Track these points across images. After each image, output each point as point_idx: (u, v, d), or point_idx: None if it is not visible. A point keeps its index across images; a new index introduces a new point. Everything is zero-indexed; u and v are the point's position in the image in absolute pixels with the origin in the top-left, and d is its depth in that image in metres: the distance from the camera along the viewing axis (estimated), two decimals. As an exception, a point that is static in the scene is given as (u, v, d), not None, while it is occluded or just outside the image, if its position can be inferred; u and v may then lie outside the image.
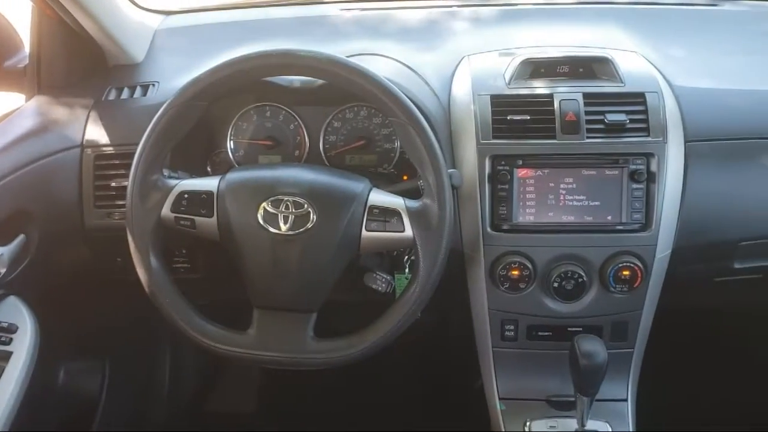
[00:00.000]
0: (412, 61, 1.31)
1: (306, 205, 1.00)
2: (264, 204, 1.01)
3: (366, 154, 1.28)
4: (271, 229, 1.00)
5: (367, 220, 1.01)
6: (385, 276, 1.11)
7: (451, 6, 1.52)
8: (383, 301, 1.10)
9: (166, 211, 1.04)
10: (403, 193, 1.06)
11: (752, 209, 1.20)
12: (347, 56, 1.21)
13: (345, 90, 1.02)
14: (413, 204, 1.02)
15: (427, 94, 1.23)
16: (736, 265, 1.24)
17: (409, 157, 1.03)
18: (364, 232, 1.01)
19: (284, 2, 1.60)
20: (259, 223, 1.01)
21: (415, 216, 1.01)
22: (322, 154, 1.28)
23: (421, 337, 1.54)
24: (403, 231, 1.01)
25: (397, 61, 1.30)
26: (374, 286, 1.10)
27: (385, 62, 1.29)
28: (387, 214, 1.01)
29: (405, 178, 1.26)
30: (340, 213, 1.01)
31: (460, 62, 1.30)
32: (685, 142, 1.17)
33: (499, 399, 1.25)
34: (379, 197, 1.03)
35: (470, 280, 1.22)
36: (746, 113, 1.23)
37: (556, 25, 1.46)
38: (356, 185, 1.04)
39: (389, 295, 1.15)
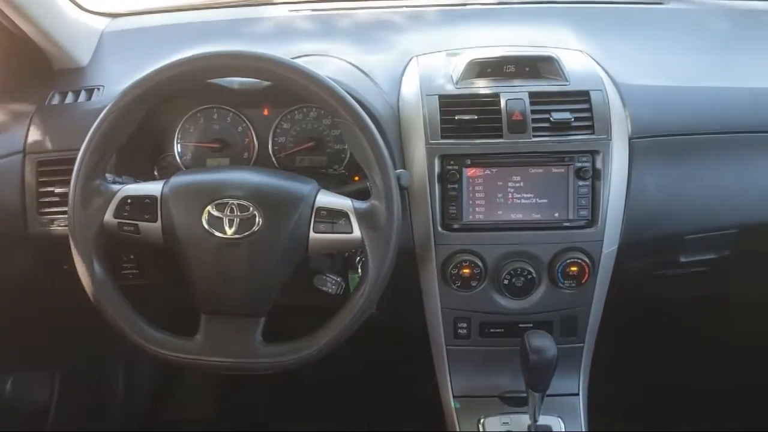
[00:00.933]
0: (361, 61, 1.31)
1: (251, 208, 0.99)
2: (208, 208, 1.00)
3: (316, 156, 1.28)
4: (216, 233, 0.99)
5: (314, 222, 1.01)
6: (335, 278, 1.11)
7: (400, 7, 1.52)
8: (336, 302, 1.09)
9: (108, 216, 1.02)
10: (354, 194, 1.06)
11: (696, 204, 1.22)
12: (295, 57, 1.22)
13: (291, 91, 1.01)
14: (361, 205, 1.02)
15: (376, 95, 1.23)
16: (682, 259, 1.27)
17: (356, 158, 1.03)
18: (311, 234, 1.01)
19: (234, 4, 1.58)
20: (203, 227, 0.99)
21: (363, 217, 1.01)
22: (272, 156, 1.27)
23: (377, 338, 1.54)
24: (351, 232, 1.01)
25: (345, 61, 1.30)
26: (324, 288, 1.10)
27: (333, 63, 1.29)
28: (334, 216, 1.01)
29: (356, 179, 1.26)
30: (287, 215, 1.00)
31: (408, 63, 1.30)
32: (630, 139, 1.19)
33: (454, 397, 1.26)
34: (327, 199, 1.03)
35: (423, 280, 1.23)
36: (690, 110, 1.26)
37: (505, 24, 1.47)
38: (303, 187, 1.03)
39: (340, 296, 1.14)
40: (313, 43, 1.38)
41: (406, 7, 1.53)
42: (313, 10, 1.53)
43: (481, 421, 1.22)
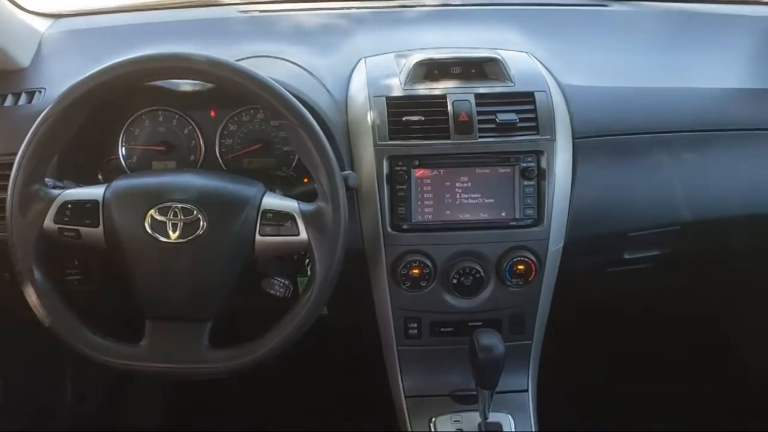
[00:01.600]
0: (308, 63, 1.31)
1: (195, 212, 0.98)
2: (151, 212, 0.98)
3: (264, 158, 1.27)
4: (160, 238, 0.98)
5: (260, 224, 1.00)
6: (282, 280, 1.10)
7: (349, 8, 1.52)
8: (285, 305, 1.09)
9: (48, 222, 1.00)
10: (302, 196, 1.06)
11: (639, 202, 1.25)
12: (241, 59, 1.21)
13: (234, 93, 1.01)
14: (307, 207, 1.02)
15: (324, 97, 1.23)
16: (626, 256, 1.30)
17: (302, 159, 1.03)
18: (257, 237, 1.00)
19: (181, 5, 1.56)
20: (146, 231, 0.98)
21: (310, 219, 1.01)
22: (219, 159, 1.26)
23: (332, 339, 1.54)
24: (297, 234, 1.00)
25: (293, 63, 1.29)
26: (272, 291, 1.09)
27: (280, 65, 1.28)
28: (281, 218, 1.01)
29: (306, 180, 1.25)
30: (232, 218, 0.99)
31: (357, 64, 1.30)
32: (573, 139, 1.22)
33: (405, 397, 1.27)
34: (273, 201, 1.02)
35: (373, 281, 1.23)
36: (632, 110, 1.29)
37: (453, 26, 1.49)
38: (249, 189, 1.03)
39: (289, 299, 1.14)
40: (261, 44, 1.37)
41: (356, 9, 1.53)
42: (262, 11, 1.52)
43: (433, 420, 1.23)
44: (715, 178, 1.28)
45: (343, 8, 1.53)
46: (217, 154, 1.26)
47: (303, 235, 1.00)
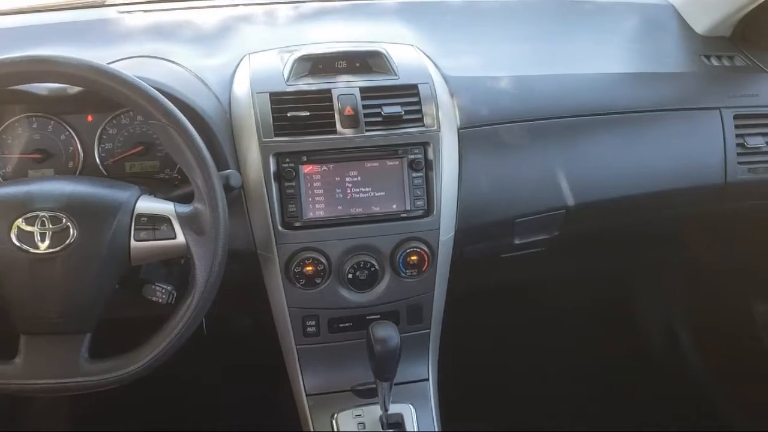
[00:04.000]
0: (192, 62, 1.27)
1: (65, 220, 0.94)
2: (17, 222, 0.93)
3: (147, 160, 1.23)
4: (29, 249, 0.93)
5: (135, 229, 0.97)
6: (164, 286, 1.06)
7: (237, 5, 1.50)
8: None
9: None
10: (183, 198, 1.03)
11: (524, 188, 1.28)
12: (115, 60, 1.17)
13: (102, 95, 0.97)
14: (183, 209, 0.99)
15: (205, 96, 1.20)
16: (516, 241, 1.33)
17: (176, 160, 1.00)
18: (133, 243, 0.97)
19: (58, 7, 1.49)
20: (13, 243, 0.93)
21: (186, 221, 0.98)
22: (99, 164, 1.21)
23: (234, 341, 1.52)
24: (174, 238, 0.98)
25: (173, 63, 1.26)
26: (154, 299, 1.05)
27: (158, 65, 1.24)
28: (156, 222, 0.98)
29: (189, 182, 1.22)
30: (104, 225, 0.95)
31: (240, 61, 1.28)
32: (459, 129, 1.24)
33: (307, 395, 1.26)
34: (147, 204, 0.99)
35: (267, 280, 1.21)
36: (517, 98, 1.32)
37: (342, 21, 1.48)
38: (122, 194, 0.99)
39: (174, 305, 1.11)
40: (143, 44, 1.33)
41: (243, 5, 1.50)
42: (146, 11, 1.47)
43: (335, 416, 1.23)
44: (597, 161, 1.32)
45: (230, 5, 1.50)
46: (97, 160, 1.21)
47: (180, 238, 0.97)
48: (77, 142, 1.20)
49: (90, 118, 1.21)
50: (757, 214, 1.44)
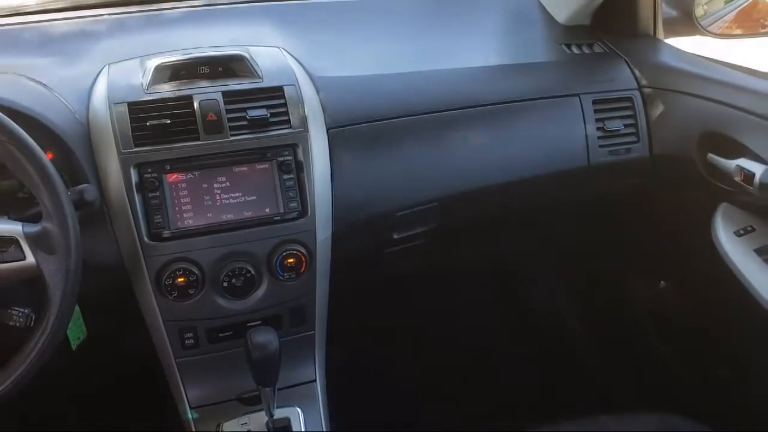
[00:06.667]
0: (46, 75, 1.21)
1: None
2: None
3: (4, 180, 1.16)
4: None
5: None
6: (21, 310, 1.01)
7: (100, 15, 1.44)
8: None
9: None
10: (36, 217, 0.99)
11: (398, 184, 1.30)
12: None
13: None
14: (31, 229, 0.95)
15: (59, 110, 1.15)
16: (395, 236, 1.35)
17: (20, 179, 0.96)
18: None
19: None
20: None
21: (35, 241, 0.94)
22: None
23: (114, 359, 1.47)
24: (24, 259, 0.94)
25: (23, 76, 1.20)
26: (11, 323, 1.00)
27: (8, 80, 1.19)
28: (2, 244, 0.93)
29: None
30: None
31: (100, 72, 1.24)
32: (327, 129, 1.24)
33: (191, 408, 1.23)
34: None
35: (138, 295, 1.18)
36: (385, 96, 1.33)
37: (210, 26, 1.45)
38: None
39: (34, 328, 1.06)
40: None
41: (107, 14, 1.45)
42: (3, 24, 1.40)
43: (220, 425, 1.21)
44: (465, 152, 1.35)
45: (92, 15, 1.44)
46: None
47: (30, 258, 0.93)
48: None
49: None
50: (621, 194, 1.51)
